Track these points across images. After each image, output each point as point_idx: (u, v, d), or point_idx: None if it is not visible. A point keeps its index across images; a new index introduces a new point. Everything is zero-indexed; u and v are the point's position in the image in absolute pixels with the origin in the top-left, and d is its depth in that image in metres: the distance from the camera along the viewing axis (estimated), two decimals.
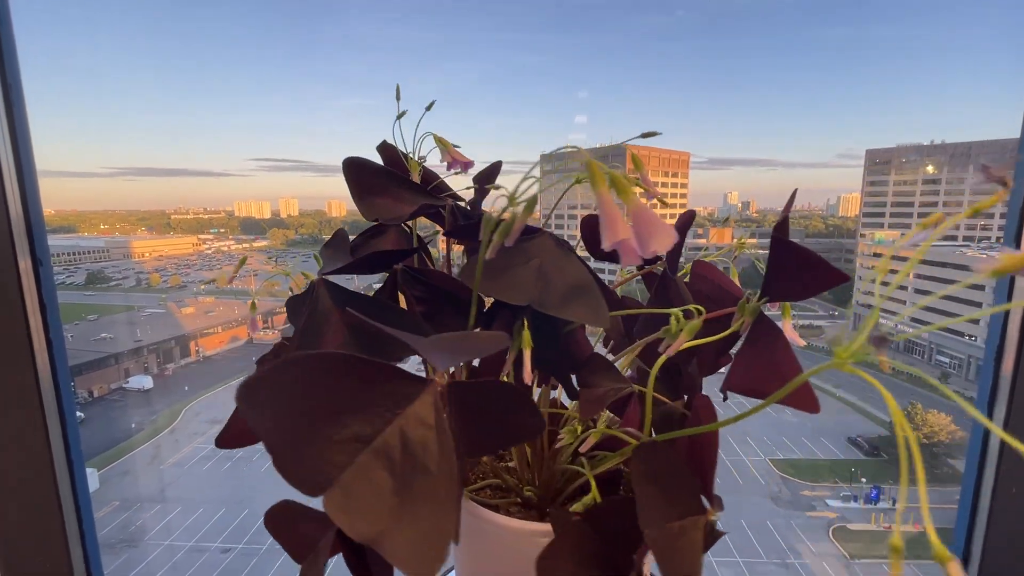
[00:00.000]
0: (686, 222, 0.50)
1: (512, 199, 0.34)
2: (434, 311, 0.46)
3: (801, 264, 0.36)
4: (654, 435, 0.38)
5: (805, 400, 0.33)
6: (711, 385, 0.48)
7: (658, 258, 0.50)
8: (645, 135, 0.47)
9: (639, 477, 0.31)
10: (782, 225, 0.39)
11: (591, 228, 0.46)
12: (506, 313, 0.41)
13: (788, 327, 0.40)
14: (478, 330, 0.43)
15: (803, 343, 0.37)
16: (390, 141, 0.55)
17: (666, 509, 0.31)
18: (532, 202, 0.33)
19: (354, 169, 0.48)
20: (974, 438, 0.61)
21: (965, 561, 0.62)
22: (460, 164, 0.56)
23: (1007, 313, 0.55)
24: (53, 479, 0.63)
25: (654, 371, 0.38)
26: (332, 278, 0.41)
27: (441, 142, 0.57)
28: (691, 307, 0.38)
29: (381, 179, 0.49)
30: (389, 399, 0.26)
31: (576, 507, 0.39)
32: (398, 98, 0.56)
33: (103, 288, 40.81)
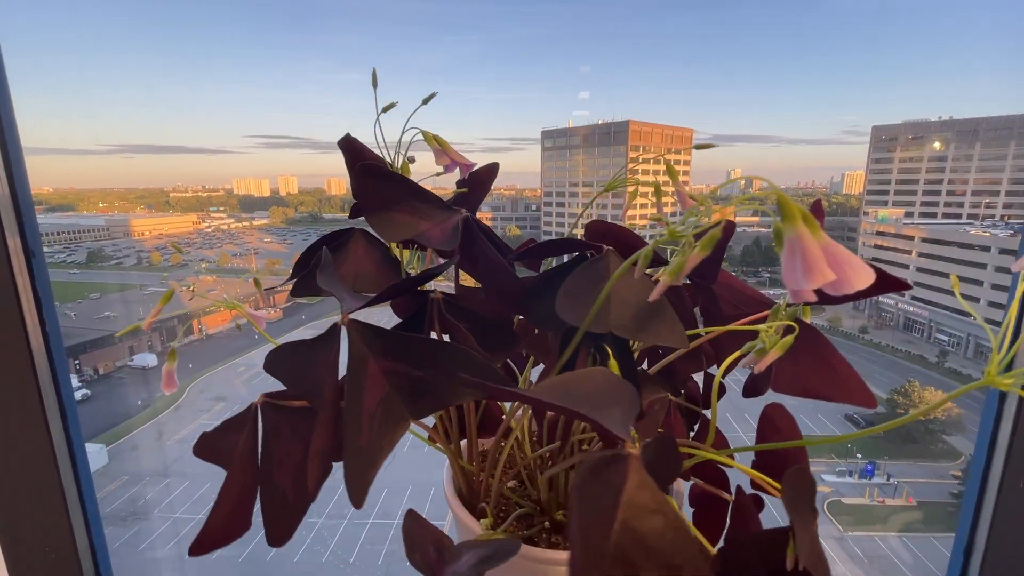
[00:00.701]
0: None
1: (673, 232, 0.29)
2: (481, 345, 0.41)
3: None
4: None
5: (864, 398, 0.37)
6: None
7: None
8: (699, 147, 0.47)
9: (791, 503, 0.29)
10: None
11: (598, 233, 0.45)
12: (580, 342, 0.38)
13: None
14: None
15: None
16: (380, 128, 0.45)
17: (807, 526, 0.30)
18: (711, 239, 0.28)
19: (371, 177, 0.41)
20: (983, 430, 0.61)
21: (968, 552, 0.63)
22: (461, 167, 0.46)
23: None
24: (55, 466, 0.63)
25: (717, 382, 0.38)
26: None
27: (436, 140, 0.46)
28: (788, 321, 0.37)
29: (400, 189, 0.42)
30: (605, 490, 0.22)
31: None
32: (375, 85, 0.44)
33: (104, 267, 40.84)
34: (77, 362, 20.44)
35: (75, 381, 18.23)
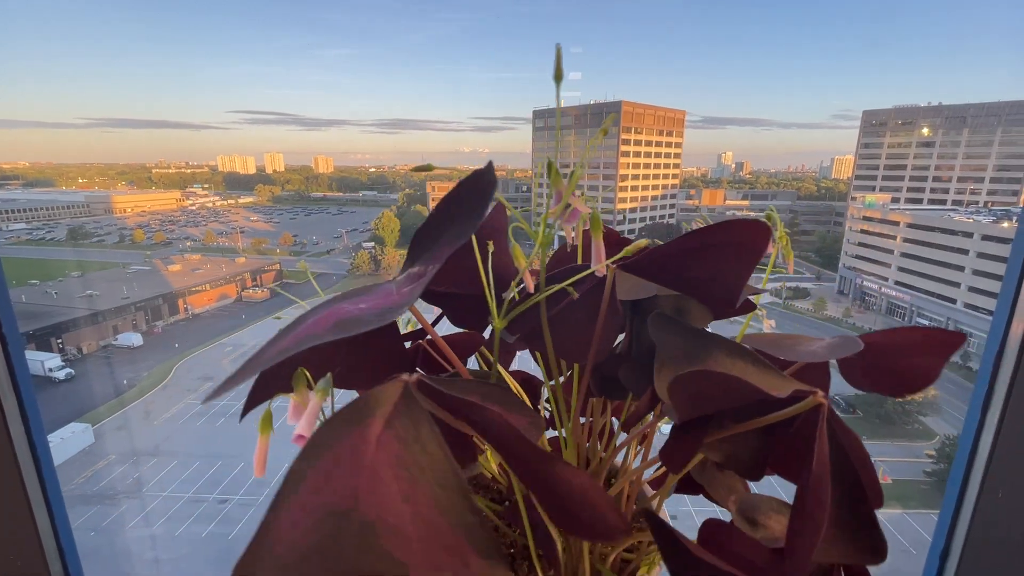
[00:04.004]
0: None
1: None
2: None
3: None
4: None
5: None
6: None
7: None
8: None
9: None
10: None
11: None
12: None
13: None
14: None
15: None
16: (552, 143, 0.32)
17: None
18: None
19: None
20: (965, 436, 0.61)
21: (944, 557, 0.64)
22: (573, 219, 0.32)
23: (1021, 277, 0.54)
24: (14, 463, 0.59)
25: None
26: None
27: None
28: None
29: None
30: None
31: None
32: (558, 78, 0.29)
33: (85, 244, 39.98)
34: (60, 341, 20.14)
35: (58, 360, 17.98)
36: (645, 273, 0.37)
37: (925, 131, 45.24)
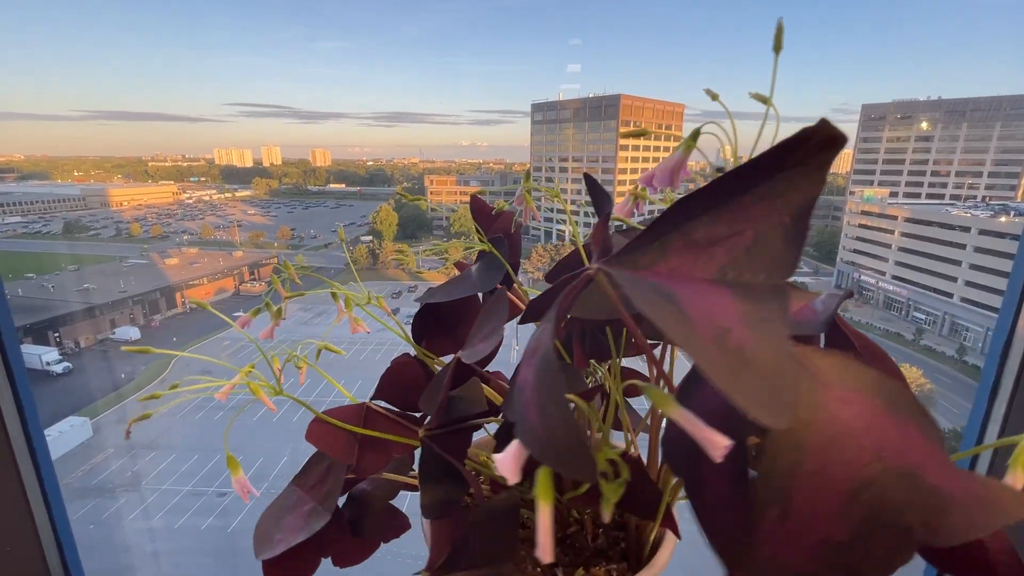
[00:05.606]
0: None
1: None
2: None
3: None
4: None
5: None
6: None
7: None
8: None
9: None
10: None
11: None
12: None
13: None
14: None
15: None
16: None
17: None
18: None
19: None
20: (970, 430, 0.61)
21: None
22: None
23: None
24: (10, 454, 0.59)
25: None
26: None
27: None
28: None
29: None
30: None
31: None
32: (778, 47, 0.30)
33: (82, 238, 39.81)
34: (57, 335, 20.10)
35: (56, 354, 17.94)
36: None
37: (924, 125, 45.14)
